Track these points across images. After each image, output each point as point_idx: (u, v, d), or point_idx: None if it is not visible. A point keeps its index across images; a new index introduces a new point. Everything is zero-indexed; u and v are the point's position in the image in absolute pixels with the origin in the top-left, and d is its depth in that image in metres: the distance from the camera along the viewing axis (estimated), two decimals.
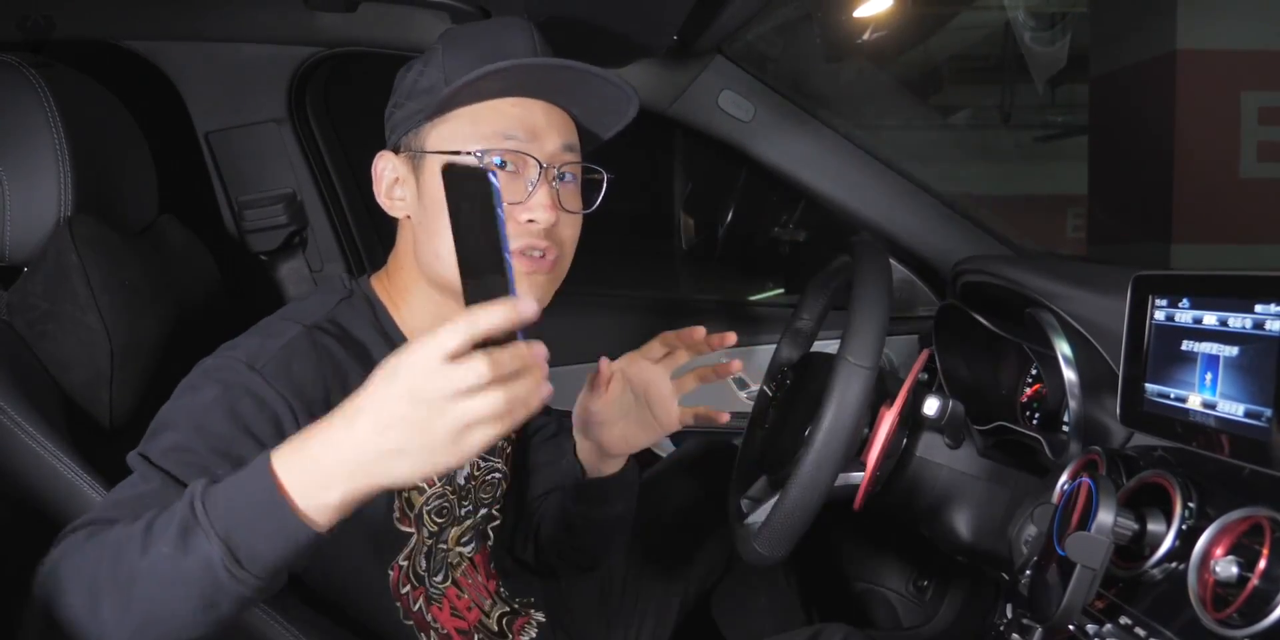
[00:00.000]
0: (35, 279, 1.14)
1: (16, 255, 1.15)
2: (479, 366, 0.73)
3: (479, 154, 1.03)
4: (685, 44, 1.63)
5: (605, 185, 1.12)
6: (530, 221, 1.04)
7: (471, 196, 0.79)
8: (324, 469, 0.76)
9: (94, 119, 1.23)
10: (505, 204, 1.02)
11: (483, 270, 0.78)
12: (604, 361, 1.18)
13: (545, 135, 1.06)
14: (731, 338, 1.18)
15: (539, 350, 0.77)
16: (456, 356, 0.73)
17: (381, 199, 1.11)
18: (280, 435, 0.94)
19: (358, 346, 1.06)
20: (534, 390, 0.75)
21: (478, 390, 0.73)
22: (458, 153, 1.03)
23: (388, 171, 1.10)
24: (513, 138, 1.04)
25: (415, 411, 0.73)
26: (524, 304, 0.75)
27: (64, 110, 1.14)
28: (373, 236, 1.92)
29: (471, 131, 1.05)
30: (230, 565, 0.75)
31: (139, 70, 1.67)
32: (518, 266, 1.05)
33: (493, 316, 0.74)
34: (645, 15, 1.37)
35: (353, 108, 1.99)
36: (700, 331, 1.20)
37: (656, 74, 1.71)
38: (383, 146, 1.13)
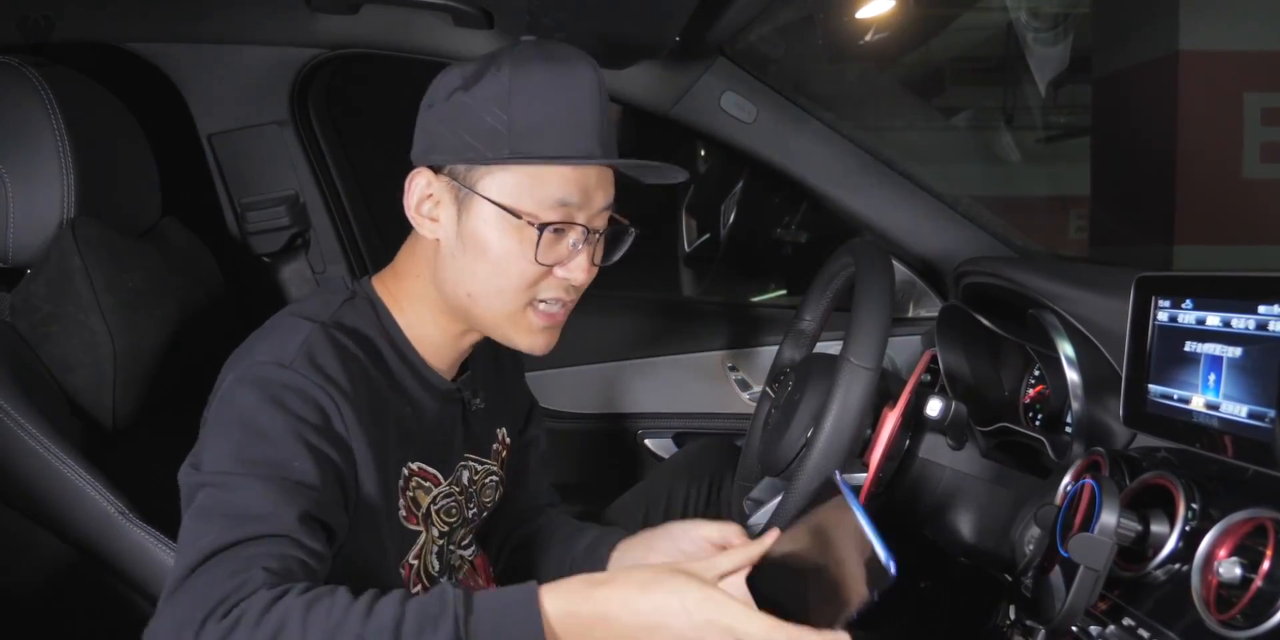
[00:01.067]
0: (38, 281, 1.14)
1: (19, 257, 1.16)
2: None
3: (543, 226, 1.02)
4: (687, 45, 1.63)
5: (629, 241, 1.14)
6: (564, 279, 1.06)
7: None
8: (587, 635, 0.83)
9: (97, 121, 1.23)
10: (547, 265, 1.05)
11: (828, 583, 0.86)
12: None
13: (595, 196, 1.06)
14: None
15: None
16: None
17: (411, 213, 1.08)
18: (329, 424, 0.96)
19: (367, 344, 1.06)
20: None
21: None
22: (518, 215, 1.02)
23: (422, 188, 1.07)
24: (568, 205, 1.04)
25: None
26: None
27: (67, 112, 1.14)
28: (375, 238, 1.92)
29: (530, 190, 1.03)
30: None
31: (142, 72, 1.67)
32: (536, 321, 1.08)
33: None
34: (647, 17, 1.37)
35: (355, 109, 1.99)
36: None
37: (659, 75, 1.71)
38: (386, 148, 1.13)
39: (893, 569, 0.78)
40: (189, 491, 0.92)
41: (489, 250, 1.04)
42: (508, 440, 1.32)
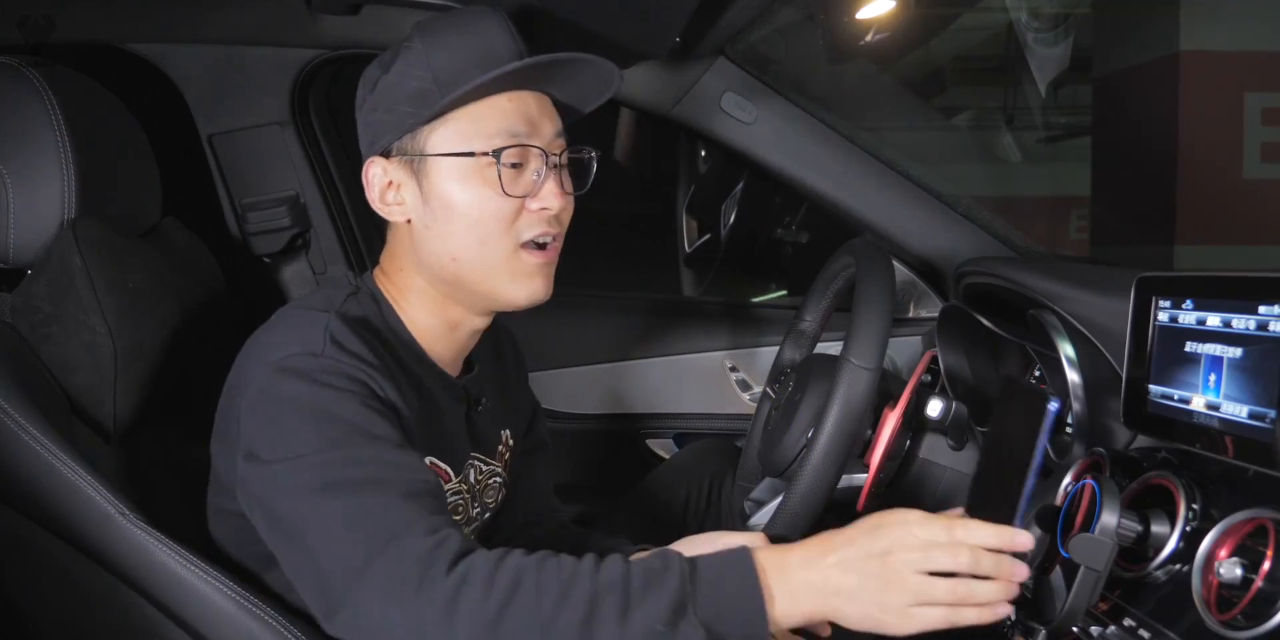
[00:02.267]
0: (39, 282, 1.14)
1: (20, 258, 1.15)
2: (959, 558, 0.84)
3: (498, 152, 1.03)
4: (688, 46, 1.63)
5: (594, 165, 1.14)
6: (544, 209, 1.06)
7: (1026, 412, 0.91)
8: (796, 585, 0.85)
9: (97, 122, 1.23)
10: (517, 197, 1.05)
11: (997, 487, 0.92)
12: None
13: (541, 125, 1.08)
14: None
15: (1020, 571, 0.86)
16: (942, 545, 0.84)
17: (376, 204, 1.10)
18: (378, 393, 0.97)
19: (375, 334, 1.06)
20: (994, 597, 0.85)
21: (946, 577, 0.83)
22: (471, 154, 1.04)
23: (379, 177, 1.09)
24: (516, 133, 1.05)
25: (883, 571, 0.83)
26: (1021, 538, 0.86)
27: (67, 113, 1.14)
28: (375, 238, 1.92)
29: (475, 130, 1.05)
30: None
31: (142, 73, 1.67)
32: (530, 260, 1.07)
33: (990, 538, 0.85)
34: (647, 17, 1.37)
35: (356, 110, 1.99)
36: None
37: (659, 76, 1.71)
38: None
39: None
40: (272, 481, 0.92)
41: (457, 204, 1.05)
42: (511, 442, 1.31)
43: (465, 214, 1.05)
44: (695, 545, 1.15)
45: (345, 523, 0.87)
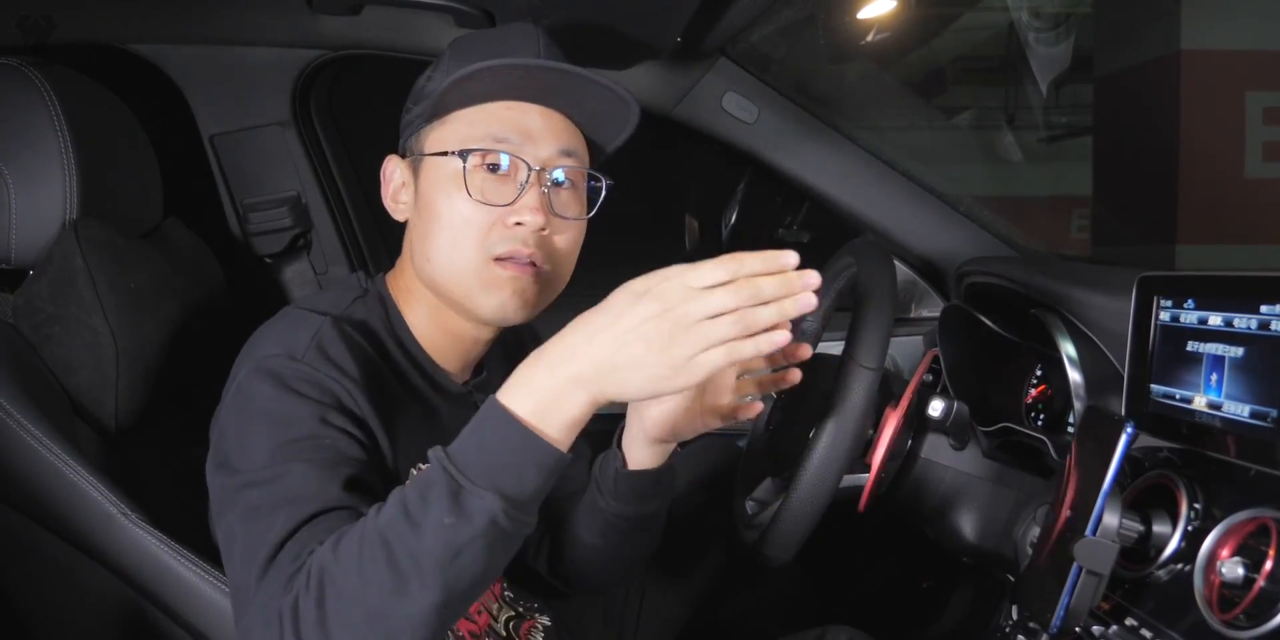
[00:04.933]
0: (41, 282, 1.14)
1: (22, 258, 1.16)
2: (741, 291, 0.79)
3: (463, 154, 1.01)
4: (689, 46, 1.63)
5: (604, 193, 1.10)
6: (518, 224, 1.02)
7: (1103, 436, 0.91)
8: (558, 386, 0.82)
9: (99, 122, 1.23)
10: (494, 205, 1.02)
11: (1081, 504, 0.93)
12: None
13: (540, 138, 1.04)
14: (806, 351, 1.10)
15: (811, 280, 0.82)
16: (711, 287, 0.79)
17: (387, 202, 1.11)
18: (346, 406, 0.96)
19: (375, 341, 1.06)
20: (774, 319, 0.80)
21: (723, 315, 0.79)
22: (445, 154, 1.03)
23: (395, 175, 1.11)
24: (504, 140, 1.03)
25: (660, 328, 0.79)
26: (788, 257, 0.82)
27: (69, 113, 1.14)
28: (377, 239, 1.92)
29: (465, 133, 1.04)
30: (511, 512, 0.80)
31: (143, 73, 1.67)
32: (501, 273, 1.03)
33: (759, 263, 0.81)
34: (649, 17, 1.37)
35: (357, 110, 1.99)
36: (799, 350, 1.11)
37: (660, 76, 1.71)
38: (388, 149, 1.14)
39: None
40: (227, 493, 0.92)
41: (434, 204, 1.04)
42: None
43: (439, 216, 1.03)
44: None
45: (250, 548, 0.86)
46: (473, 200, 1.01)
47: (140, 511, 1.06)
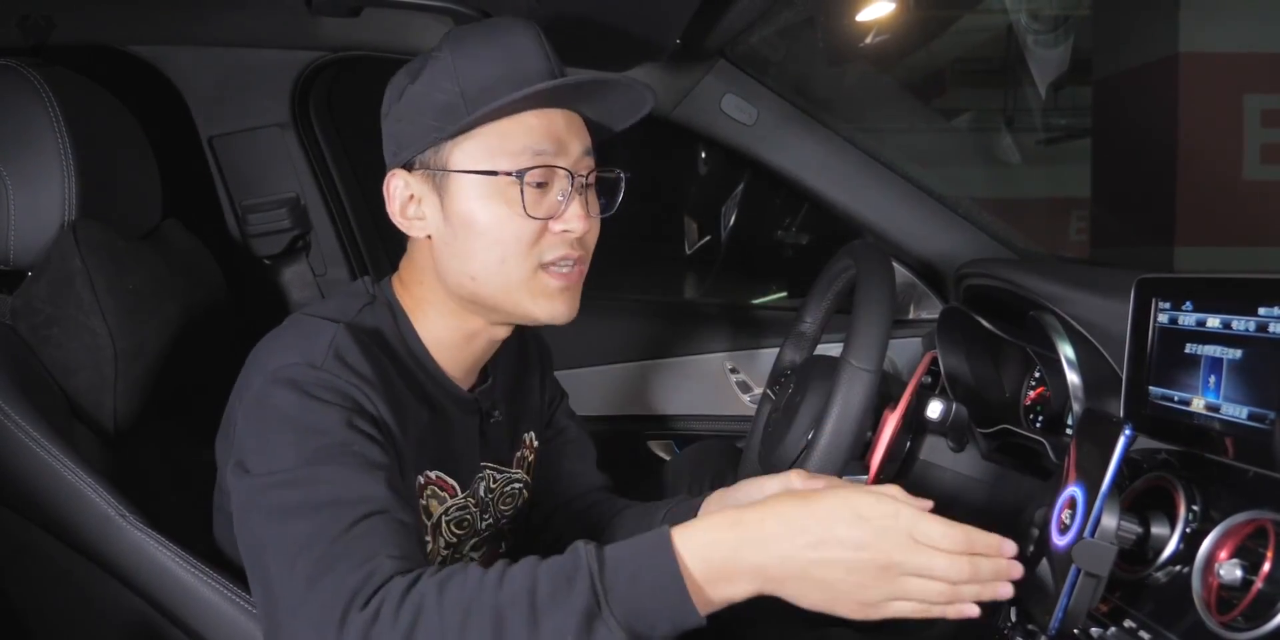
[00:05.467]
0: (39, 283, 1.14)
1: (21, 260, 1.16)
2: (959, 567, 0.79)
3: (519, 173, 1.01)
4: (688, 48, 1.63)
5: (623, 185, 1.11)
6: (566, 231, 1.04)
7: (1102, 437, 0.89)
8: (739, 566, 0.80)
9: (98, 123, 1.23)
10: (540, 219, 1.02)
11: None
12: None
13: (569, 144, 1.05)
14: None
15: (1014, 571, 0.83)
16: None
17: (396, 218, 1.08)
18: (368, 411, 0.95)
19: (386, 348, 1.06)
20: (975, 598, 0.81)
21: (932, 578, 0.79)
22: (494, 173, 1.01)
23: (401, 190, 1.07)
24: (542, 152, 1.02)
25: (871, 571, 0.78)
26: (1008, 547, 0.82)
27: (68, 115, 1.14)
28: (376, 241, 1.92)
29: (500, 148, 1.02)
30: None
31: (143, 75, 1.67)
32: (551, 283, 1.05)
33: (988, 546, 0.82)
34: (648, 19, 1.37)
35: (356, 112, 1.99)
36: None
37: (659, 78, 1.71)
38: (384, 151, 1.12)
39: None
40: (250, 496, 0.91)
41: (478, 222, 1.03)
42: (535, 443, 1.30)
43: (485, 233, 1.02)
44: (746, 491, 1.11)
45: (293, 550, 0.85)
46: (526, 216, 1.01)
47: (138, 513, 1.06)
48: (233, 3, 1.62)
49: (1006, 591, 0.82)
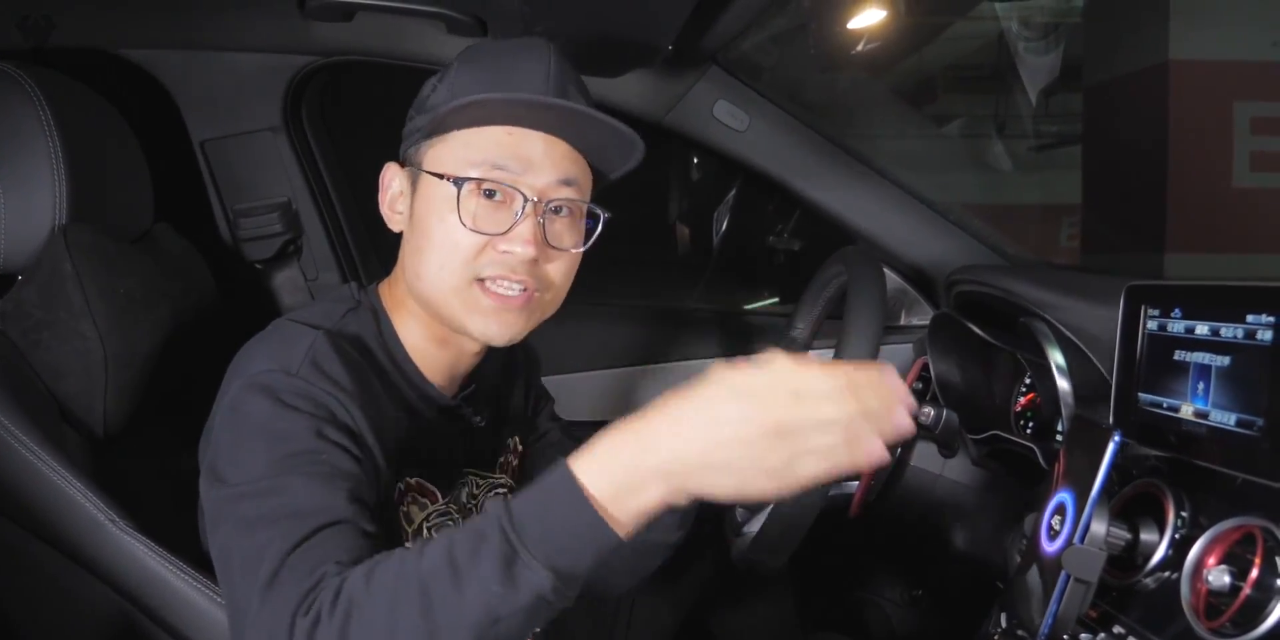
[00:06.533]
0: (30, 287, 1.13)
1: (11, 263, 1.15)
2: (847, 406, 0.76)
3: (459, 181, 1.01)
4: (681, 54, 1.63)
5: (600, 226, 1.08)
6: (506, 252, 1.02)
7: (1091, 443, 0.89)
8: (639, 473, 0.78)
9: (89, 127, 1.23)
10: (481, 232, 1.01)
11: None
12: None
13: (540, 167, 1.03)
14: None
15: (902, 393, 0.79)
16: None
17: (384, 209, 1.10)
18: (341, 420, 0.95)
19: (367, 354, 1.06)
20: (876, 434, 0.77)
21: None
22: (442, 177, 1.02)
23: (393, 183, 1.10)
24: (503, 168, 1.01)
25: (759, 433, 0.75)
26: (889, 373, 0.79)
27: (59, 118, 1.14)
28: (368, 245, 1.92)
29: (463, 156, 1.02)
30: (559, 589, 0.77)
31: (134, 79, 1.67)
32: (485, 301, 1.03)
33: (867, 376, 0.78)
34: (641, 25, 1.37)
35: (348, 116, 1.99)
36: None
37: (651, 84, 1.72)
38: (379, 155, 1.13)
39: None
40: (220, 506, 0.91)
41: (429, 225, 1.03)
42: (520, 448, 1.30)
43: (430, 236, 1.03)
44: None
45: (253, 562, 0.84)
46: (463, 226, 1.01)
47: (128, 518, 1.06)
48: (225, 7, 1.62)
49: (904, 423, 0.79)
